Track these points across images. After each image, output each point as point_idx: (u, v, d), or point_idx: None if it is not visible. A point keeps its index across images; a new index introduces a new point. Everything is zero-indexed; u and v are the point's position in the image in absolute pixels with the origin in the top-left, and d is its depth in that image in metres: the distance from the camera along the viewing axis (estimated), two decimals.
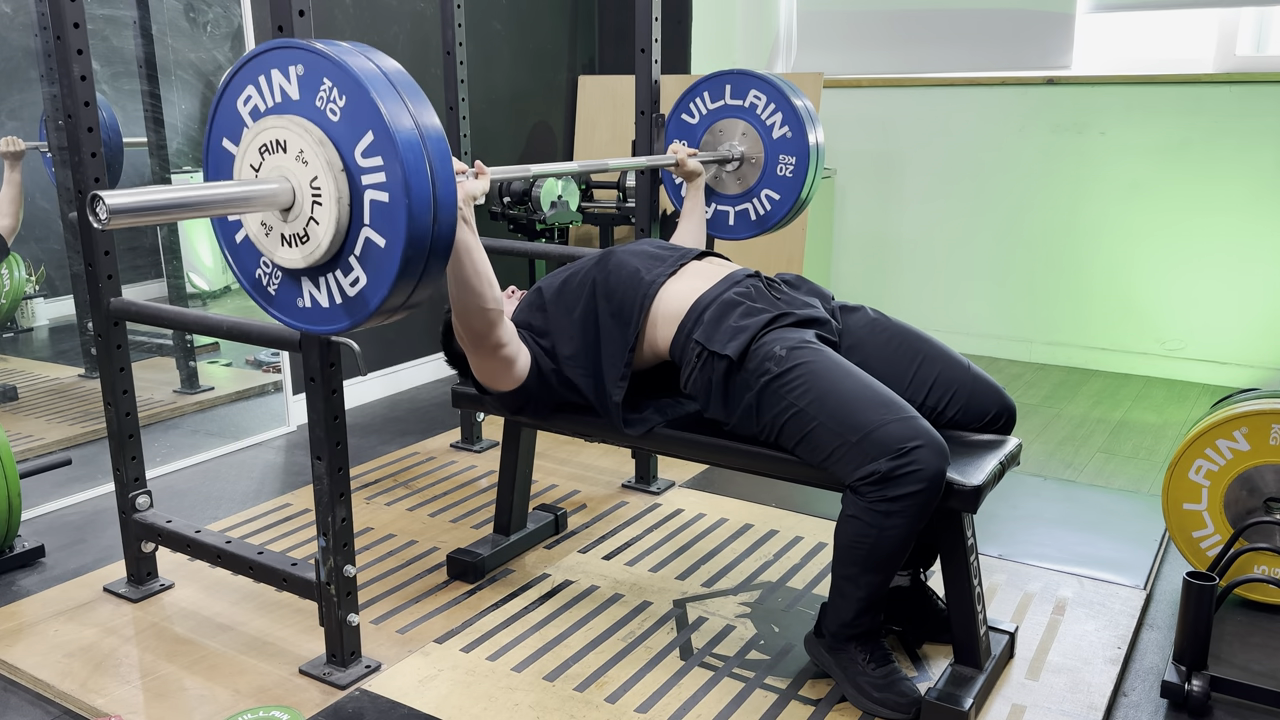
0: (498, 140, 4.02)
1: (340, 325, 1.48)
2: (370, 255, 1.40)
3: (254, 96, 1.47)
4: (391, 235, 1.37)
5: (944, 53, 4.16)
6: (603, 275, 1.96)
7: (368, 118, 1.36)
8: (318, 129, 1.40)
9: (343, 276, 1.45)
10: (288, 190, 1.43)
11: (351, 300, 1.45)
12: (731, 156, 2.61)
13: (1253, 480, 2.09)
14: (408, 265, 1.38)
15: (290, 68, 1.42)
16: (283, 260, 1.47)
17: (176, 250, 3.40)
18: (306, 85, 1.41)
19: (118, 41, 3.04)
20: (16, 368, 3.17)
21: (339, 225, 1.40)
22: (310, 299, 1.50)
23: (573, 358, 1.95)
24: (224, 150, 1.53)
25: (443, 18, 2.81)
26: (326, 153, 1.39)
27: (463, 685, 1.87)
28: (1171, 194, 3.77)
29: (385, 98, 1.35)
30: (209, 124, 1.54)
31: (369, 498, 2.73)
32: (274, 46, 1.43)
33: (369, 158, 1.37)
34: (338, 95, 1.38)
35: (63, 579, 2.27)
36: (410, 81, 1.41)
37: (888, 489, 1.63)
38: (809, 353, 1.76)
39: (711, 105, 2.62)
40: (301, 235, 1.44)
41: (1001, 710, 1.80)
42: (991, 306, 4.20)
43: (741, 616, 2.12)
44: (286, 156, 1.42)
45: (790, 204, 2.57)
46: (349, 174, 1.39)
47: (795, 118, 2.53)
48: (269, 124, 1.43)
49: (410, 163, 1.35)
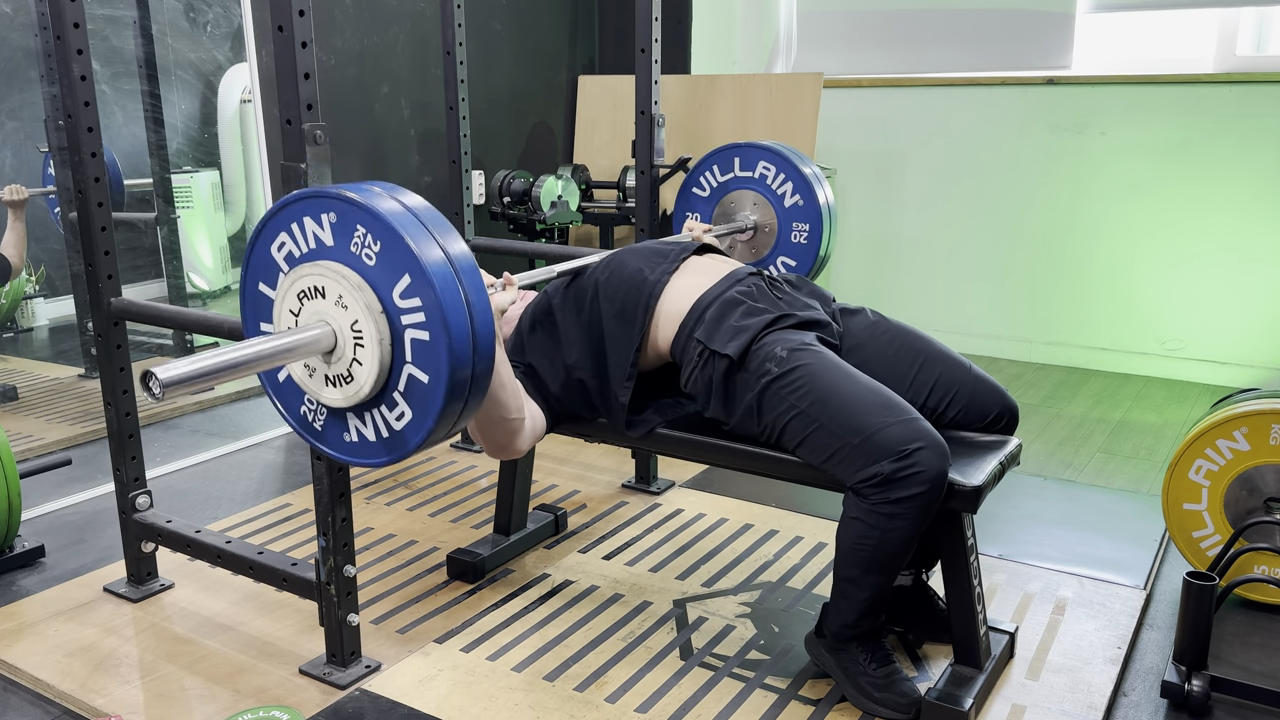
0: (498, 140, 4.02)
1: (383, 460, 1.51)
2: (414, 391, 1.43)
3: (288, 243, 1.50)
4: (434, 370, 1.40)
5: (944, 53, 4.16)
6: (605, 277, 1.95)
7: (404, 261, 1.39)
8: (355, 274, 1.42)
9: (388, 411, 1.48)
10: (329, 334, 1.45)
11: (397, 434, 1.48)
12: (745, 226, 2.62)
13: (1253, 480, 2.09)
14: (452, 396, 1.41)
15: (323, 215, 1.45)
16: (328, 400, 1.51)
17: (176, 250, 3.40)
18: (340, 232, 1.44)
19: (118, 41, 3.04)
20: (16, 368, 3.17)
21: (382, 365, 1.43)
22: (357, 434, 1.53)
23: (578, 361, 1.95)
24: (261, 294, 1.56)
25: (443, 18, 2.81)
26: (365, 297, 1.41)
27: (463, 685, 1.87)
28: (1171, 194, 3.77)
29: (418, 239, 1.39)
30: (244, 268, 1.57)
31: (369, 498, 2.73)
32: (305, 195, 1.46)
33: (407, 299, 1.40)
34: (372, 241, 1.41)
35: (63, 579, 2.27)
36: (438, 216, 1.44)
37: (890, 491, 1.63)
38: (810, 354, 1.75)
39: (722, 178, 2.63)
40: (346, 376, 1.47)
41: (1001, 710, 1.80)
42: (991, 306, 4.20)
43: (741, 616, 2.12)
44: (325, 302, 1.45)
45: (807, 269, 2.59)
46: (388, 316, 1.42)
47: (805, 185, 2.53)
48: (305, 271, 1.46)
49: (448, 301, 1.38)
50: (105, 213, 2.03)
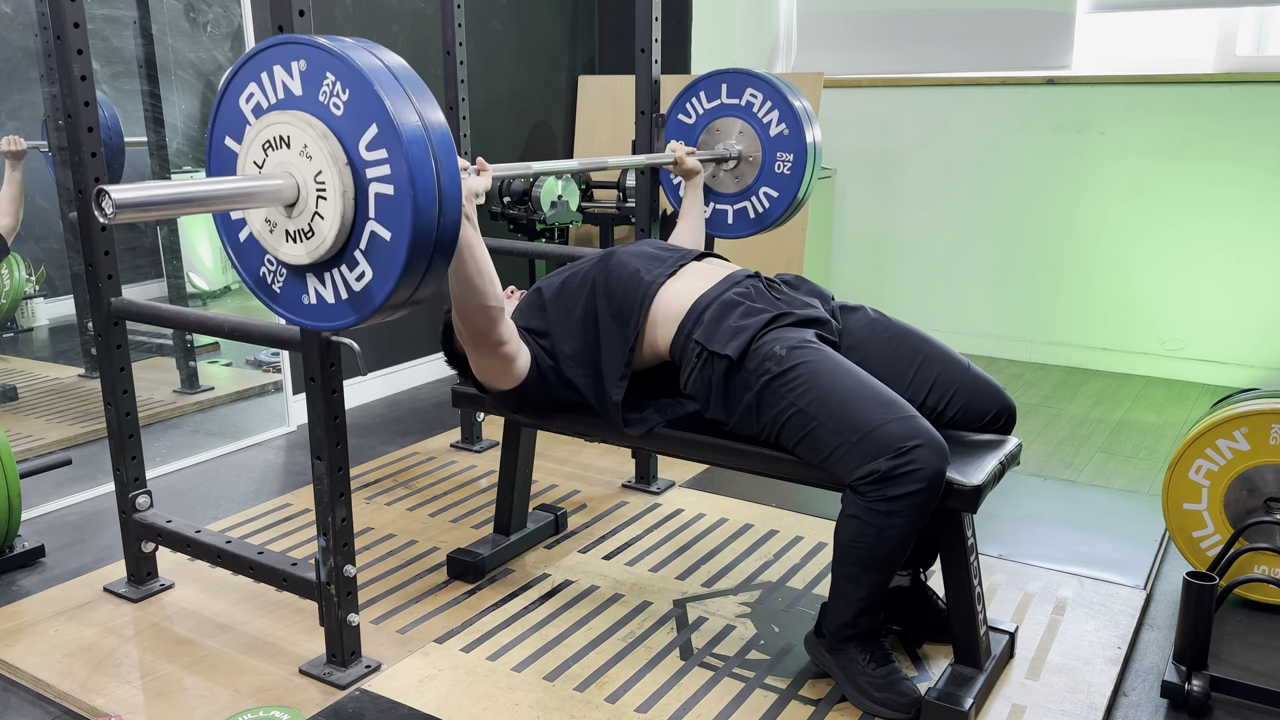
0: (498, 140, 4.01)
1: (346, 321, 1.47)
2: (376, 249, 1.39)
3: (256, 94, 1.46)
4: (397, 228, 1.37)
5: (944, 53, 4.16)
6: (603, 275, 1.96)
7: (372, 111, 1.35)
8: (321, 123, 1.39)
9: (348, 271, 1.44)
10: (292, 185, 1.42)
11: (357, 295, 1.44)
12: (729, 155, 2.61)
13: (1253, 480, 2.09)
14: (413, 258, 1.37)
15: (293, 63, 1.41)
16: (287, 256, 1.47)
17: (176, 250, 3.40)
18: (309, 80, 1.40)
19: (118, 41, 3.04)
20: (16, 368, 3.17)
21: (344, 219, 1.40)
22: (316, 295, 1.49)
23: (572, 357, 1.96)
24: (226, 149, 1.52)
25: (443, 18, 2.81)
26: (330, 146, 1.38)
27: (463, 685, 1.87)
28: (1171, 194, 3.77)
29: (389, 91, 1.35)
30: (211, 123, 1.53)
31: (369, 498, 2.73)
32: (277, 42, 1.42)
33: (373, 151, 1.36)
34: (341, 89, 1.37)
35: (63, 579, 2.27)
36: (414, 76, 1.40)
37: (888, 488, 1.63)
38: (809, 352, 1.76)
39: (708, 104, 2.62)
40: (306, 230, 1.43)
41: (1001, 710, 1.80)
42: (991, 306, 4.20)
43: (741, 616, 2.12)
44: (290, 152, 1.41)
45: (789, 201, 2.58)
46: (353, 168, 1.39)
47: (792, 116, 2.53)
48: (272, 120, 1.42)
49: (415, 155, 1.34)
50: None
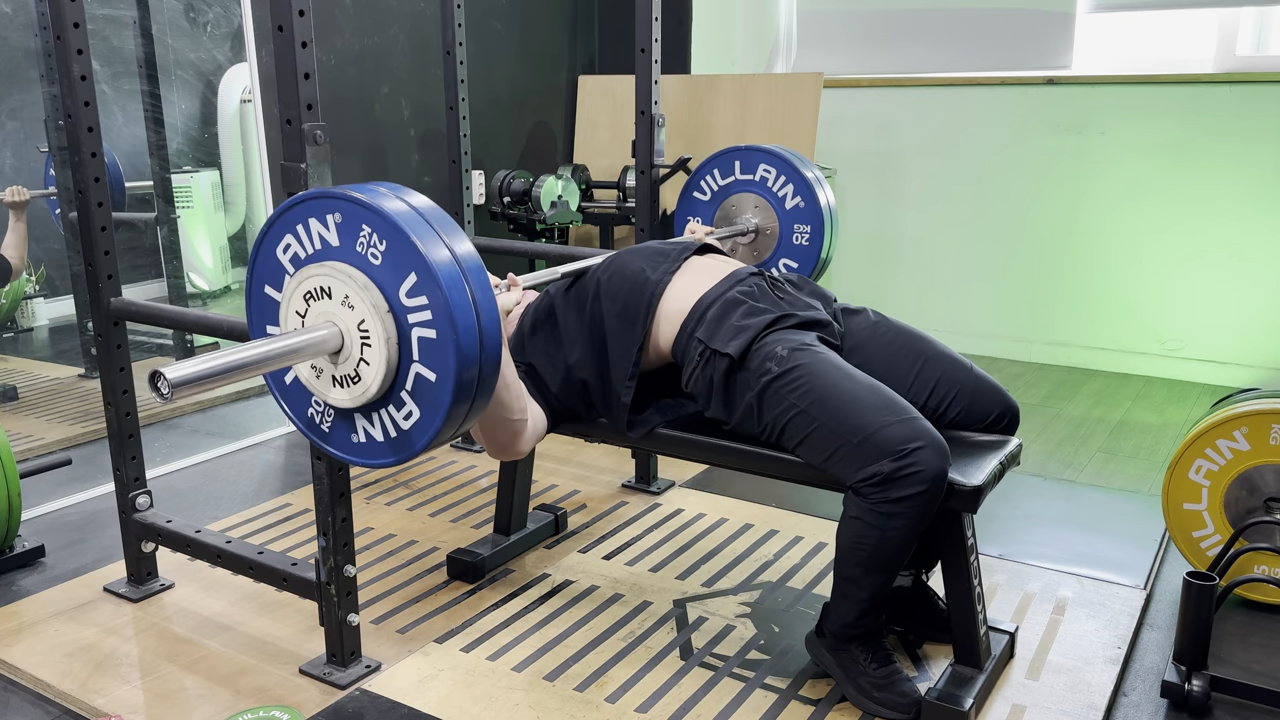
0: (498, 140, 4.01)
1: (392, 459, 1.51)
2: (422, 390, 1.43)
3: (293, 245, 1.50)
4: (441, 369, 1.40)
5: (944, 53, 4.16)
6: (607, 277, 1.95)
7: (410, 260, 1.38)
8: (361, 274, 1.42)
9: (396, 411, 1.48)
10: (336, 334, 1.45)
11: (405, 434, 1.48)
12: (746, 229, 2.62)
13: (1253, 480, 2.09)
14: (459, 395, 1.41)
15: (328, 216, 1.45)
16: (335, 400, 1.50)
17: (176, 250, 3.40)
18: (345, 232, 1.44)
19: (118, 41, 3.04)
20: (16, 368, 3.17)
21: (389, 364, 1.43)
22: (364, 434, 1.53)
23: (579, 360, 1.95)
24: (267, 297, 1.56)
25: (443, 18, 2.81)
26: (372, 296, 1.41)
27: (463, 685, 1.87)
28: (1171, 194, 3.77)
29: (424, 238, 1.38)
30: (249, 271, 1.57)
31: (369, 498, 2.73)
32: (311, 196, 1.46)
33: (414, 298, 1.40)
34: (378, 240, 1.41)
35: (63, 579, 2.27)
36: (444, 216, 1.45)
37: (890, 490, 1.63)
38: (811, 354, 1.75)
39: (723, 181, 2.63)
40: (353, 376, 1.47)
41: (1001, 710, 1.80)
42: (991, 306, 4.20)
43: (741, 616, 2.12)
44: (332, 302, 1.45)
45: (810, 270, 2.58)
46: (395, 315, 1.42)
47: (805, 187, 2.53)
48: (312, 272, 1.46)
49: (454, 299, 1.38)
50: (105, 213, 2.03)
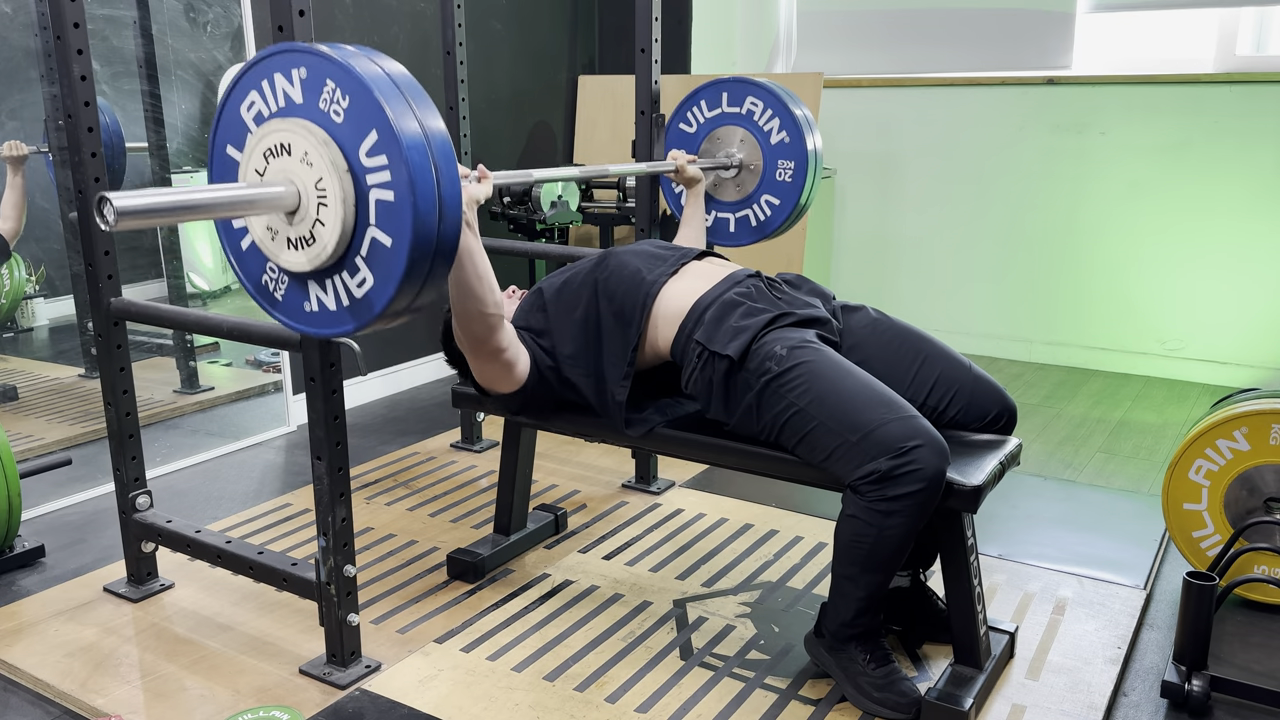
0: (498, 140, 4.01)
1: (346, 328, 1.47)
2: (377, 255, 1.40)
3: (257, 102, 1.47)
4: (397, 234, 1.37)
5: (944, 53, 4.16)
6: (604, 275, 1.96)
7: (371, 118, 1.35)
8: (321, 130, 1.39)
9: (349, 278, 1.44)
10: (293, 192, 1.42)
11: (358, 302, 1.45)
12: (730, 163, 2.61)
13: (1253, 480, 2.09)
14: (414, 265, 1.38)
15: (293, 71, 1.41)
16: (289, 264, 1.47)
17: (176, 250, 3.40)
18: (310, 88, 1.40)
19: (118, 41, 3.04)
20: (16, 368, 3.17)
21: (345, 226, 1.40)
22: (317, 302, 1.50)
23: (573, 358, 1.95)
24: (228, 157, 1.53)
25: (443, 18, 2.81)
26: (331, 153, 1.38)
27: (463, 685, 1.87)
28: (1171, 194, 3.77)
29: (389, 98, 1.35)
30: (212, 131, 1.54)
31: (369, 498, 2.73)
32: (277, 50, 1.43)
33: (373, 157, 1.37)
34: (341, 96, 1.37)
35: (63, 579, 2.27)
36: (414, 83, 1.41)
37: (888, 488, 1.63)
38: (809, 352, 1.76)
39: (709, 113, 2.63)
40: (307, 238, 1.44)
41: (1001, 710, 1.80)
42: (991, 306, 4.20)
43: (741, 616, 2.12)
44: (291, 160, 1.42)
45: (790, 209, 2.57)
46: (354, 174, 1.39)
47: (793, 123, 2.53)
48: (272, 127, 1.43)
49: (415, 161, 1.34)
50: None
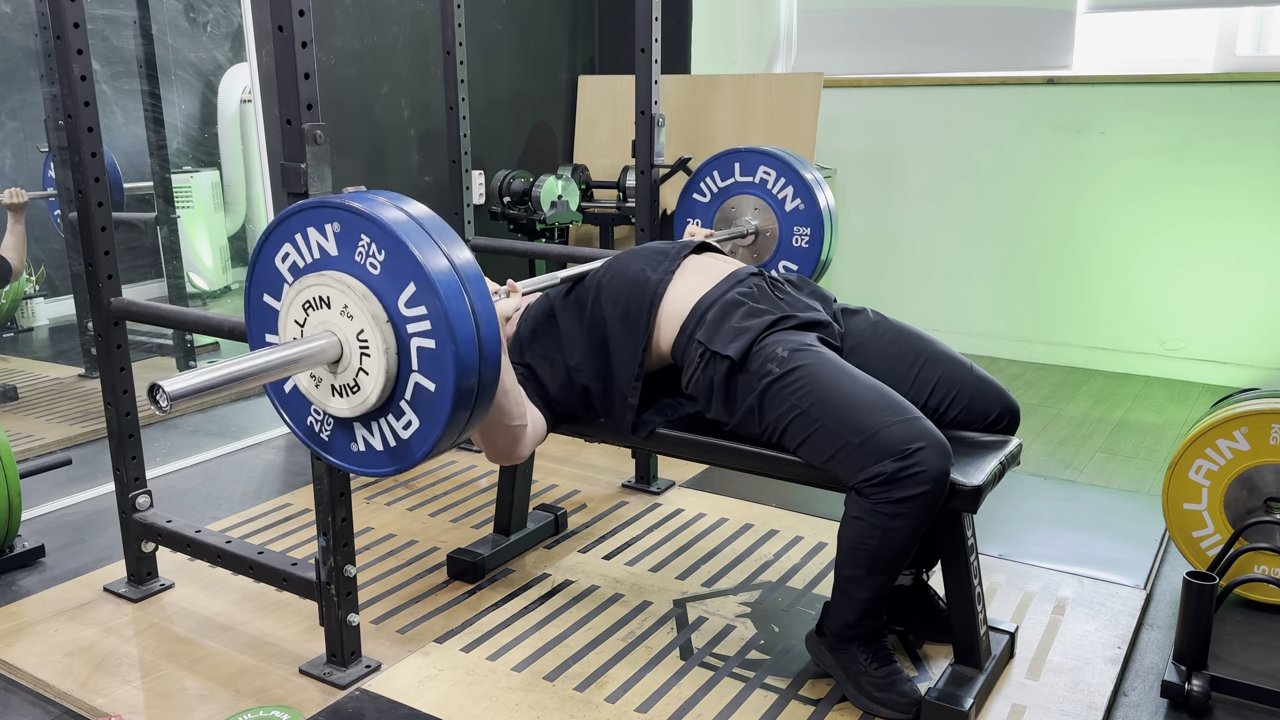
0: (498, 140, 4.01)
1: (398, 466, 1.50)
2: (421, 399, 1.43)
3: (292, 254, 1.50)
4: (440, 379, 1.40)
5: (944, 52, 4.16)
6: (608, 279, 1.95)
7: (408, 270, 1.38)
8: (360, 284, 1.42)
9: (395, 420, 1.48)
10: (335, 344, 1.45)
11: (404, 443, 1.48)
12: (746, 231, 2.61)
13: (1253, 480, 2.09)
14: (459, 404, 1.41)
15: (327, 225, 1.45)
16: (334, 410, 1.50)
17: (176, 250, 3.40)
18: (344, 242, 1.44)
19: (118, 41, 3.04)
20: (16, 368, 3.17)
21: (388, 374, 1.43)
22: (364, 443, 1.53)
23: (580, 363, 1.94)
24: (266, 305, 1.56)
25: (443, 18, 2.81)
26: (371, 306, 1.41)
27: (463, 685, 1.87)
28: (1171, 194, 3.77)
29: (423, 248, 1.38)
30: (248, 279, 1.57)
31: (369, 498, 2.73)
32: (308, 206, 1.46)
33: (413, 308, 1.40)
34: (377, 250, 1.41)
35: (63, 579, 2.27)
36: (442, 225, 1.44)
37: (892, 490, 1.63)
38: (811, 355, 1.75)
39: (722, 183, 2.63)
40: (352, 385, 1.47)
41: (1001, 710, 1.80)
42: (991, 306, 4.20)
43: (741, 616, 2.12)
44: (331, 312, 1.45)
45: (810, 272, 2.58)
46: (394, 325, 1.42)
47: (805, 189, 2.53)
48: (310, 281, 1.46)
49: (453, 309, 1.38)
50: (105, 213, 2.03)
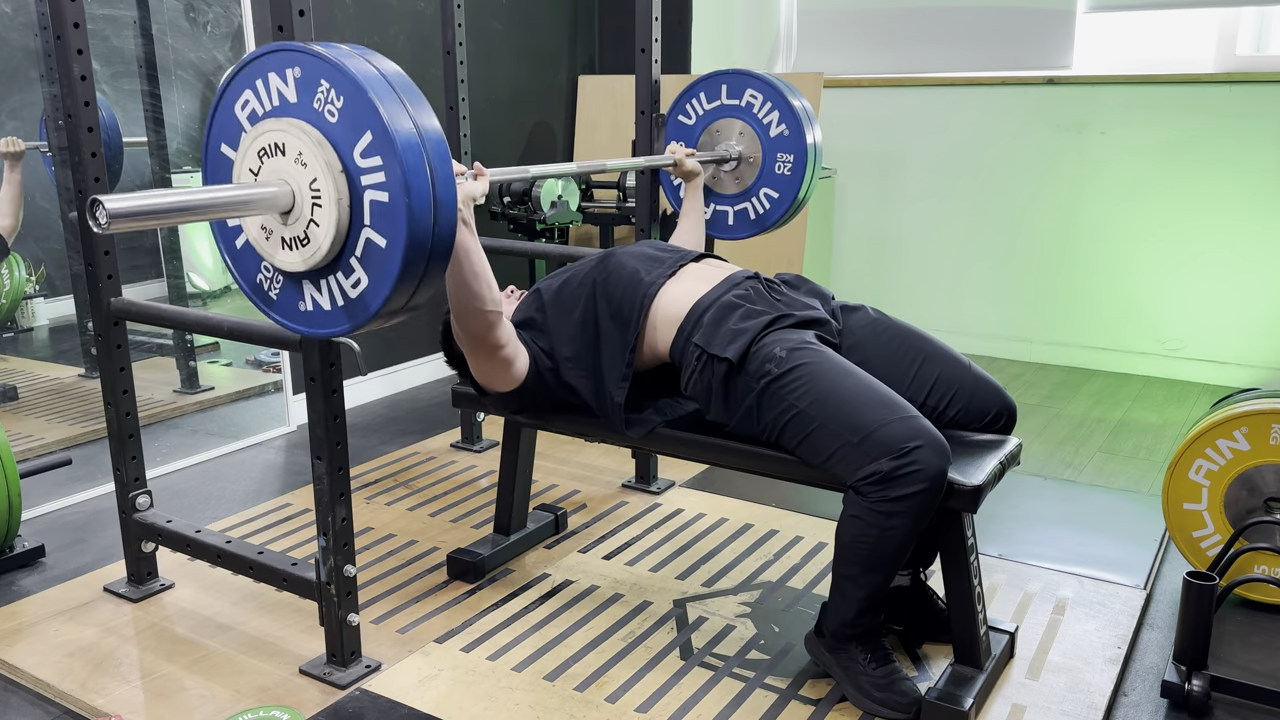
0: (498, 140, 4.01)
1: (341, 328, 1.47)
2: (371, 256, 1.40)
3: (251, 100, 1.47)
4: (392, 235, 1.37)
5: (944, 52, 4.16)
6: (602, 277, 1.96)
7: (366, 118, 1.35)
8: (316, 130, 1.39)
9: (344, 278, 1.44)
10: (287, 193, 1.42)
11: (353, 302, 1.44)
12: (729, 156, 2.61)
13: (1253, 480, 2.09)
14: (409, 265, 1.38)
15: (287, 70, 1.41)
16: (283, 263, 1.47)
17: (176, 250, 3.40)
18: (304, 87, 1.40)
19: (118, 41, 3.04)
20: (16, 368, 3.17)
21: (339, 226, 1.40)
22: (312, 302, 1.50)
23: (571, 359, 1.95)
24: (222, 155, 1.53)
25: (443, 18, 2.81)
26: (325, 154, 1.38)
27: (463, 685, 1.87)
28: (1171, 194, 3.77)
29: (383, 98, 1.35)
30: (206, 129, 1.54)
31: (369, 498, 2.73)
32: (271, 50, 1.43)
33: (368, 158, 1.37)
34: (335, 96, 1.37)
35: (63, 579, 2.27)
36: (409, 83, 1.40)
37: (890, 489, 1.63)
38: (809, 353, 1.76)
39: (708, 105, 2.62)
40: (302, 238, 1.44)
41: (1001, 710, 1.80)
42: (991, 306, 4.20)
43: (741, 616, 2.12)
44: (285, 159, 1.42)
45: (789, 202, 2.57)
46: (348, 175, 1.39)
47: (792, 116, 2.53)
48: (267, 127, 1.43)
49: (409, 162, 1.34)
50: None
